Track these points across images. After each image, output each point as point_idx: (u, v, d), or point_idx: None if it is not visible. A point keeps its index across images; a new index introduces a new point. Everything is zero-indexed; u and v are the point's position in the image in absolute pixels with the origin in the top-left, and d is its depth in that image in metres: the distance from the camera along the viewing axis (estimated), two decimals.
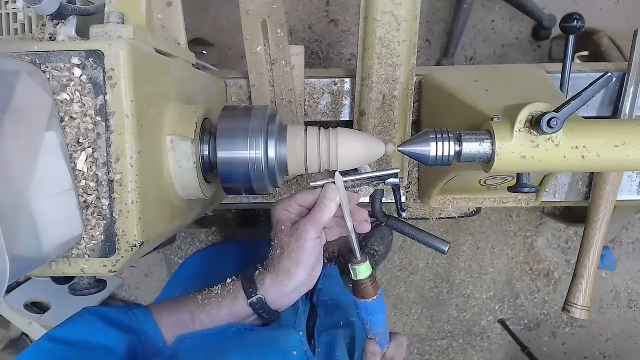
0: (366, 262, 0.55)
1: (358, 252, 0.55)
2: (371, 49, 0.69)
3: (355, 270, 0.55)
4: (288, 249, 0.54)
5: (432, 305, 1.79)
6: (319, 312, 0.76)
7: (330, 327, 0.72)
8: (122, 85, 0.41)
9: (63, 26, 0.45)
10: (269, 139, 0.52)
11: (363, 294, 0.56)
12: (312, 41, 1.62)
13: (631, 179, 0.82)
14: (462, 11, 1.50)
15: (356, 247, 0.55)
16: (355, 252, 0.55)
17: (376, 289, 0.56)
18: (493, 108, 0.50)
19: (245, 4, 0.69)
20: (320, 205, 0.54)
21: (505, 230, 1.73)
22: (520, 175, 0.51)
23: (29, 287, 1.43)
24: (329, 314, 0.77)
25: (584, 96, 0.44)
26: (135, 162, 0.42)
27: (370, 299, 0.56)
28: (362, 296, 0.56)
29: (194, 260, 1.01)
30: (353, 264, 0.55)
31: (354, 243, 0.55)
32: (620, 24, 1.56)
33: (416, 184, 0.81)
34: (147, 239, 0.44)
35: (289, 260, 0.54)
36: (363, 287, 0.55)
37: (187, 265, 0.99)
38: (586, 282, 0.80)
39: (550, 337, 1.80)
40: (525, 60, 1.61)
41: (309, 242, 0.53)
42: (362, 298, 0.56)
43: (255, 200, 0.84)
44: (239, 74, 0.78)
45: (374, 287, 0.56)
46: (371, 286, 0.56)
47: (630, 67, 0.73)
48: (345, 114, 0.80)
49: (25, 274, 0.41)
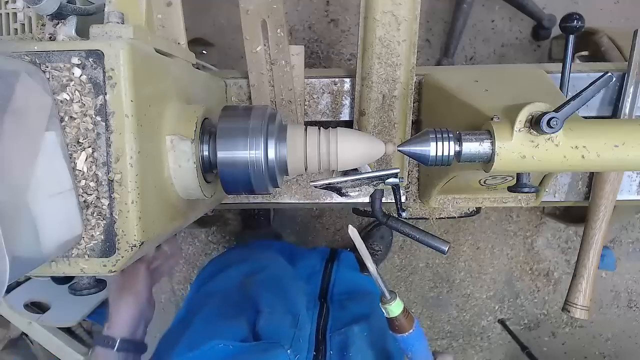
0: (396, 299, 0.56)
1: (387, 292, 0.55)
2: (371, 49, 0.69)
3: (387, 309, 0.55)
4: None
5: (432, 305, 1.79)
6: (332, 310, 0.75)
7: (344, 324, 0.71)
8: (122, 85, 0.41)
9: (63, 26, 0.45)
10: (269, 139, 0.52)
11: (399, 330, 0.56)
12: (312, 41, 1.62)
13: (631, 179, 0.82)
14: (462, 11, 1.50)
15: (383, 288, 0.55)
16: (384, 293, 0.55)
17: (411, 322, 0.57)
18: (493, 108, 0.50)
19: (245, 4, 0.69)
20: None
21: (505, 230, 1.73)
22: (520, 175, 0.51)
23: (29, 287, 1.43)
24: (342, 308, 0.77)
25: (584, 96, 0.44)
26: (135, 162, 0.42)
27: (407, 333, 0.56)
28: (399, 331, 0.56)
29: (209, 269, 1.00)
30: (384, 304, 0.55)
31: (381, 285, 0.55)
32: (620, 24, 1.56)
33: (416, 184, 0.81)
34: (147, 239, 0.44)
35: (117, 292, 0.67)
36: (397, 323, 0.56)
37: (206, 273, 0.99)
38: (586, 282, 0.80)
39: (550, 337, 1.80)
40: (525, 60, 1.61)
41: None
42: (399, 333, 0.57)
43: (255, 200, 0.84)
44: (239, 74, 0.78)
45: (409, 320, 0.56)
46: (405, 320, 0.56)
47: (630, 67, 0.73)
48: (345, 114, 0.80)
49: (25, 274, 0.41)
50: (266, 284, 0.77)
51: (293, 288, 0.79)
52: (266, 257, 0.92)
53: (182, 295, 1.80)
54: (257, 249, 1.02)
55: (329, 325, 0.71)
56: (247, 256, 0.92)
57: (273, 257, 0.93)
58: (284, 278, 0.82)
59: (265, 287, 0.75)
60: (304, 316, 0.69)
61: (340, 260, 0.96)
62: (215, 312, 0.72)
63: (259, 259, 0.90)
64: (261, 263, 0.86)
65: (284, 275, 0.84)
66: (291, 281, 0.82)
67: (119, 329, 0.65)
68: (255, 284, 0.77)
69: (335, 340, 0.67)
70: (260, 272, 0.80)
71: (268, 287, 0.76)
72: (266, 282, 0.78)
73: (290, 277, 0.84)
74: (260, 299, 0.71)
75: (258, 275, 0.80)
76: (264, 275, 0.80)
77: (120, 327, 0.65)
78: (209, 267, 0.94)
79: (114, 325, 0.65)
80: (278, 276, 0.81)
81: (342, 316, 0.74)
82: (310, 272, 0.89)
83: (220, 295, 0.78)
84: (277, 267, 0.86)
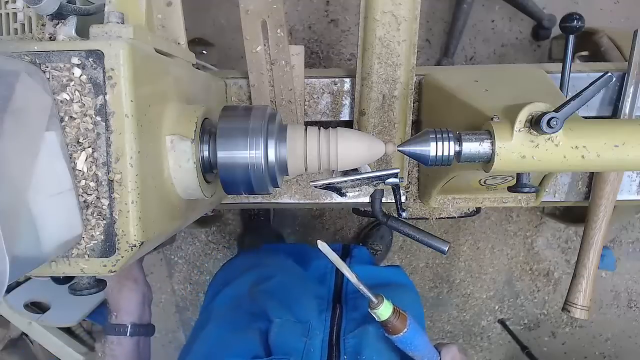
0: (384, 302, 0.56)
1: (372, 296, 0.56)
2: (371, 49, 0.69)
3: (377, 314, 0.56)
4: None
5: (432, 305, 1.79)
6: (346, 311, 0.75)
7: (358, 324, 0.70)
8: (122, 85, 0.41)
9: (63, 26, 0.45)
10: (269, 139, 0.52)
11: (394, 331, 0.56)
12: (312, 41, 1.62)
13: (631, 179, 0.82)
14: (462, 11, 1.50)
15: (368, 293, 0.55)
16: (369, 298, 0.56)
17: (404, 321, 0.57)
18: (493, 108, 0.50)
19: (245, 4, 0.69)
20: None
21: (505, 230, 1.73)
22: (520, 175, 0.51)
23: (29, 287, 1.43)
24: (356, 307, 0.76)
25: (584, 96, 0.44)
26: (135, 162, 0.42)
27: (402, 333, 0.56)
28: (394, 332, 0.57)
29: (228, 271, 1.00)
30: (372, 309, 0.56)
31: (365, 291, 0.55)
32: (620, 24, 1.56)
33: (416, 184, 0.81)
34: (147, 239, 0.44)
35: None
36: (390, 325, 0.56)
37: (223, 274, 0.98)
38: (586, 282, 0.80)
39: (550, 337, 1.80)
40: (525, 60, 1.61)
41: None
42: (395, 334, 0.57)
43: (255, 200, 0.84)
44: (239, 74, 0.78)
45: (401, 320, 0.56)
46: (398, 321, 0.56)
47: (630, 67, 0.73)
48: (345, 114, 0.80)
49: (25, 274, 0.41)
50: (274, 292, 0.76)
51: (303, 294, 0.78)
52: (274, 263, 0.90)
53: (182, 295, 1.80)
54: (264, 253, 1.00)
55: (342, 327, 0.70)
56: (255, 263, 0.91)
57: (281, 262, 0.91)
58: (293, 284, 0.81)
59: (273, 296, 0.75)
60: (315, 323, 0.69)
61: (353, 257, 0.95)
62: (227, 324, 0.72)
63: (267, 266, 0.89)
64: (268, 271, 0.84)
65: (293, 280, 0.83)
66: (301, 286, 0.81)
67: (127, 315, 0.68)
68: (263, 294, 0.76)
69: (349, 344, 0.67)
70: (268, 281, 0.79)
71: (276, 295, 0.75)
72: (274, 290, 0.77)
73: (299, 282, 0.83)
74: (269, 309, 0.71)
75: (266, 284, 0.79)
76: (271, 284, 0.79)
77: (128, 313, 0.68)
78: (219, 276, 0.93)
79: (122, 312, 0.68)
80: (286, 283, 0.80)
81: (356, 316, 0.73)
82: (323, 272, 0.87)
83: (231, 305, 0.77)
84: (286, 273, 0.85)
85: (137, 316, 0.68)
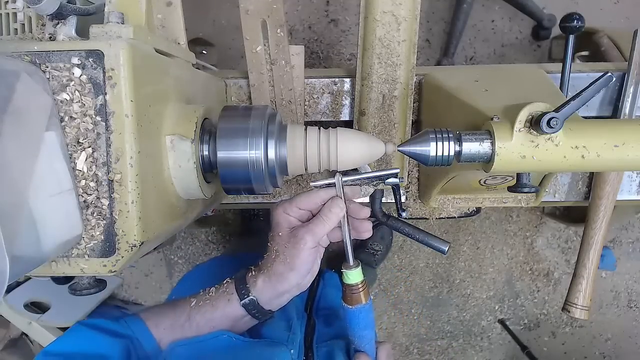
0: (358, 267, 0.55)
1: (351, 257, 0.55)
2: (371, 49, 0.69)
3: (347, 274, 0.55)
4: (284, 254, 0.54)
5: (432, 305, 1.79)
6: (318, 324, 0.75)
7: (329, 338, 0.71)
8: (122, 85, 0.41)
9: (63, 26, 0.45)
10: (269, 139, 0.52)
11: (352, 300, 0.56)
12: (312, 41, 1.62)
13: (631, 179, 0.82)
14: (462, 11, 1.50)
15: (350, 252, 0.55)
16: (348, 257, 0.55)
17: (366, 296, 0.56)
18: (493, 108, 0.50)
19: (245, 4, 0.69)
20: (323, 218, 0.53)
21: (505, 230, 1.73)
22: (520, 175, 0.51)
23: (29, 287, 1.43)
24: (328, 324, 0.76)
25: (584, 96, 0.44)
26: (135, 162, 0.42)
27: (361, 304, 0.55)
28: (351, 302, 0.56)
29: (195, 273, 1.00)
30: (345, 269, 0.55)
31: (348, 248, 0.55)
32: (620, 24, 1.56)
33: (416, 184, 0.81)
34: (147, 239, 0.44)
35: (283, 265, 0.53)
36: (353, 292, 0.55)
37: (190, 277, 0.98)
38: (586, 282, 0.80)
39: (550, 337, 1.80)
40: (525, 60, 1.61)
41: (305, 252, 0.53)
42: (351, 304, 0.56)
43: (255, 200, 0.84)
44: (239, 74, 0.78)
45: (365, 294, 0.56)
46: (362, 293, 0.55)
47: (630, 67, 0.73)
48: (345, 114, 0.80)
49: (25, 274, 0.41)
50: None
51: None
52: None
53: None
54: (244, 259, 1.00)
55: (315, 337, 0.70)
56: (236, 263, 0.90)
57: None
58: None
59: None
60: (295, 322, 0.69)
61: (325, 280, 0.96)
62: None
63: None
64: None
65: None
66: None
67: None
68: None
69: (321, 351, 0.67)
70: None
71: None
72: None
73: None
74: None
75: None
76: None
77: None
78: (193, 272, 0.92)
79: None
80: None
81: (328, 332, 0.74)
82: None
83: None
84: None
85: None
